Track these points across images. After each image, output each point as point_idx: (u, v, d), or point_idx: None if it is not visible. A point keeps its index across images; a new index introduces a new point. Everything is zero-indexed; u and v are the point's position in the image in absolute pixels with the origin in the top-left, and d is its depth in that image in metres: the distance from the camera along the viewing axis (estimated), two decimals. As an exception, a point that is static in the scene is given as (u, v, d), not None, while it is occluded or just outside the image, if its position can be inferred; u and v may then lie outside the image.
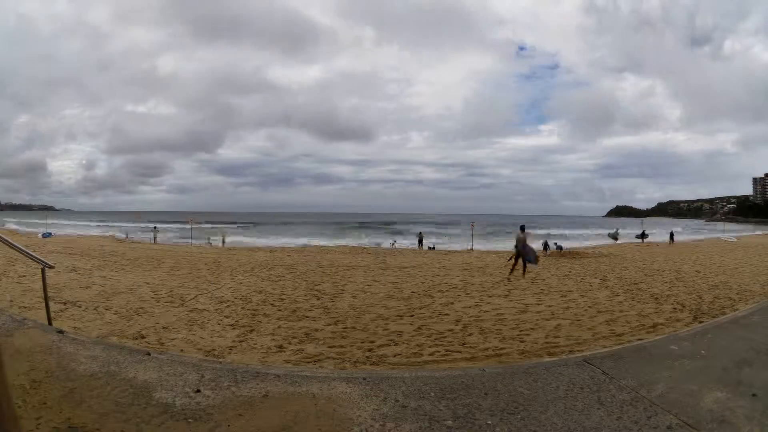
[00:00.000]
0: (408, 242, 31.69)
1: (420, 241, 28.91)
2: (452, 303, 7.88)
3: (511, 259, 11.79)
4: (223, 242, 29.91)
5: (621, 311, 7.07)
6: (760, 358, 3.40)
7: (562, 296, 8.54)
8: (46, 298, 4.36)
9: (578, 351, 4.72)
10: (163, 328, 5.80)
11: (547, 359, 4.24)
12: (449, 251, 23.48)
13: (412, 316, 6.87)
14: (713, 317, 6.20)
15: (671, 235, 31.71)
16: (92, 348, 3.25)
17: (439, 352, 5.04)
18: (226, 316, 6.59)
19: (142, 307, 6.91)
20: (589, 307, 7.45)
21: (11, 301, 6.48)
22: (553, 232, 41.37)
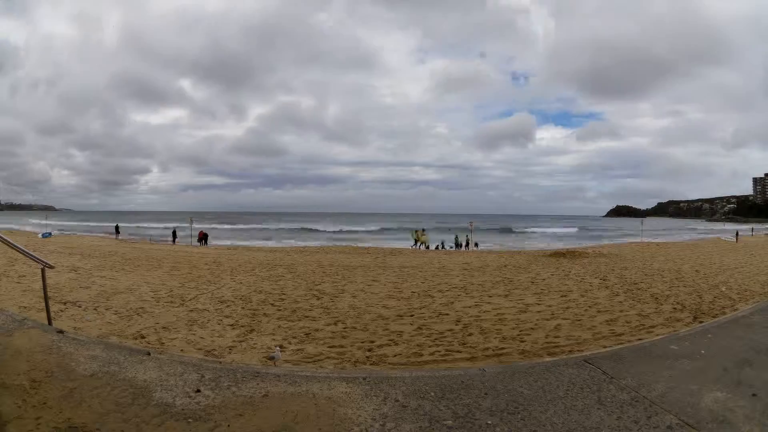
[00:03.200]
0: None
1: (460, 244, 29.74)
2: (452, 303, 7.88)
3: None
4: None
5: (621, 311, 7.06)
6: (760, 358, 3.40)
7: (562, 296, 8.53)
8: (46, 298, 4.35)
9: (578, 351, 4.72)
10: (163, 328, 5.80)
11: (547, 359, 4.24)
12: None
13: (412, 316, 6.87)
14: (713, 317, 6.20)
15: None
16: (92, 348, 3.26)
17: (439, 352, 5.04)
18: (226, 316, 6.59)
19: (142, 307, 6.91)
20: (589, 307, 7.44)
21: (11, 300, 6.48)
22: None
